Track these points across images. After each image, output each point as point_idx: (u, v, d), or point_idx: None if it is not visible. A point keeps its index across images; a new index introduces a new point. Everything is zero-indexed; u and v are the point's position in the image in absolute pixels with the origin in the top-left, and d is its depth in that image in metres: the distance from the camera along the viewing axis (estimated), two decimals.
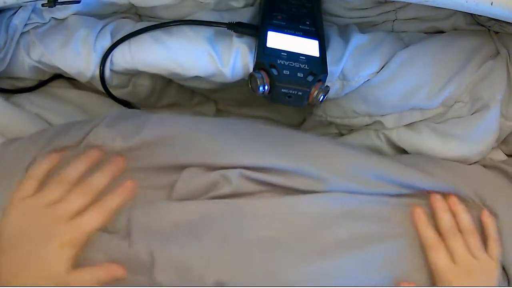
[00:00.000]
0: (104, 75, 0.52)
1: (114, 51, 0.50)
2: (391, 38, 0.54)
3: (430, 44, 0.52)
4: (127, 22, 0.53)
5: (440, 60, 0.50)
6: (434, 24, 0.55)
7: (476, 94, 0.50)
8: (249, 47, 0.49)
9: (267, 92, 0.44)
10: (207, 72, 0.51)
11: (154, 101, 0.63)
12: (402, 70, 0.50)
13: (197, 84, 0.56)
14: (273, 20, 0.50)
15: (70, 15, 0.51)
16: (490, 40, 0.52)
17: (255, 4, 0.56)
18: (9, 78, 0.55)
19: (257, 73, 0.43)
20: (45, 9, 0.49)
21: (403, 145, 0.52)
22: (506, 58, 0.50)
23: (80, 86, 0.60)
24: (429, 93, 0.50)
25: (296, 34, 0.49)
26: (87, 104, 0.59)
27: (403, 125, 0.53)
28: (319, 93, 0.44)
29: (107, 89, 0.55)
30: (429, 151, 0.50)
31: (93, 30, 0.50)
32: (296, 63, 0.45)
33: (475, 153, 0.49)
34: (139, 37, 0.50)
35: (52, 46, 0.49)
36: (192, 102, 0.69)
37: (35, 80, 0.57)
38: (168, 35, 0.51)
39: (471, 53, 0.51)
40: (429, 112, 0.51)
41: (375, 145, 0.55)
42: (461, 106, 0.50)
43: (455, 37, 0.53)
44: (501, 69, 0.49)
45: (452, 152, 0.50)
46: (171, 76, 0.54)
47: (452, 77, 0.50)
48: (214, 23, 0.51)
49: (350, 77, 0.50)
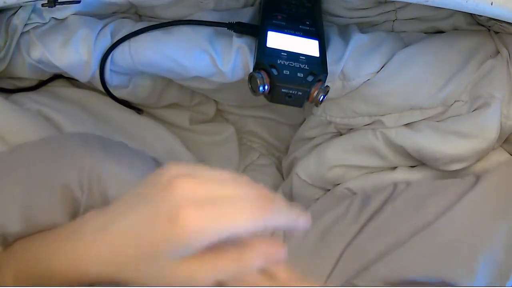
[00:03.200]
0: (104, 75, 0.52)
1: (114, 51, 0.50)
2: (391, 38, 0.54)
3: (430, 44, 0.52)
4: (127, 22, 0.53)
5: (440, 60, 0.50)
6: (434, 24, 0.55)
7: (475, 93, 0.50)
8: (249, 47, 0.49)
9: (267, 92, 0.44)
10: (207, 72, 0.51)
11: (154, 101, 0.63)
12: (402, 70, 0.50)
13: (197, 84, 0.56)
14: (273, 20, 0.50)
15: (70, 15, 0.51)
16: (490, 40, 0.52)
17: (255, 4, 0.56)
18: (9, 78, 0.55)
19: (257, 73, 0.43)
20: (45, 9, 0.49)
21: (402, 143, 0.52)
22: (506, 58, 0.50)
23: (80, 86, 0.60)
24: (429, 92, 0.50)
25: (296, 34, 0.49)
26: (88, 103, 0.59)
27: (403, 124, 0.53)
28: (319, 93, 0.44)
29: (107, 89, 0.55)
30: (428, 149, 0.50)
31: (93, 30, 0.50)
32: (296, 63, 0.45)
33: (476, 151, 0.49)
34: (139, 37, 0.50)
35: (52, 46, 0.49)
36: (192, 102, 0.69)
37: (35, 80, 0.57)
38: (168, 35, 0.51)
39: (471, 52, 0.51)
40: (428, 112, 0.51)
41: (372, 145, 0.55)
42: (460, 105, 0.50)
43: (455, 37, 0.53)
44: (501, 68, 0.49)
45: (452, 149, 0.49)
46: (171, 76, 0.54)
47: (452, 76, 0.50)
48: (214, 23, 0.51)
49: (350, 77, 0.50)
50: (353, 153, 0.56)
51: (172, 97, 0.65)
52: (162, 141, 0.64)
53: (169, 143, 0.65)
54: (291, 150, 0.68)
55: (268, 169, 0.73)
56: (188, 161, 0.65)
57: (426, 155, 0.51)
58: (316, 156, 0.59)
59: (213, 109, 0.72)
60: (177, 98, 0.66)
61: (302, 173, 0.61)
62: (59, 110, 0.54)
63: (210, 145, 0.72)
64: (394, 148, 0.54)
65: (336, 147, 0.58)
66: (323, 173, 0.59)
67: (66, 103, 0.57)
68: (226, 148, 0.72)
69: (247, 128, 0.75)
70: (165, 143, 0.64)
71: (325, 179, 0.59)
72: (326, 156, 0.58)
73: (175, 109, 0.68)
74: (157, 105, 0.65)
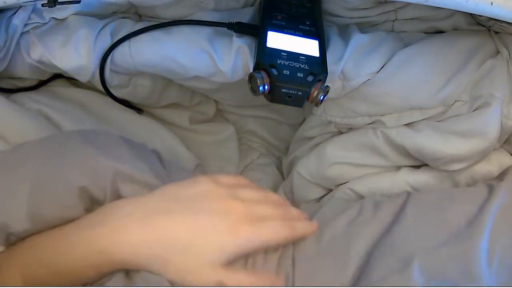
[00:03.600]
0: (104, 75, 0.52)
1: (114, 51, 0.50)
2: (391, 38, 0.54)
3: (430, 44, 0.52)
4: (127, 22, 0.53)
5: (440, 60, 0.50)
6: (434, 24, 0.55)
7: (476, 93, 0.49)
8: (249, 47, 0.49)
9: (267, 92, 0.44)
10: (207, 72, 0.51)
11: (154, 101, 0.63)
12: (402, 70, 0.50)
13: (197, 84, 0.56)
14: (273, 20, 0.50)
15: (70, 15, 0.51)
16: (490, 40, 0.52)
17: (255, 4, 0.56)
18: (9, 78, 0.55)
19: (257, 73, 0.43)
20: (45, 9, 0.49)
21: (403, 143, 0.52)
22: (506, 57, 0.50)
23: (80, 86, 0.60)
24: (429, 92, 0.50)
25: (296, 34, 0.49)
26: (88, 102, 0.60)
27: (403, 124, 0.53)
28: (319, 93, 0.44)
29: (107, 89, 0.55)
30: (429, 149, 0.50)
31: (93, 30, 0.50)
32: (296, 63, 0.45)
33: (476, 151, 0.49)
34: (139, 37, 0.50)
35: (52, 46, 0.49)
36: (192, 102, 0.69)
37: (35, 80, 0.57)
38: (168, 35, 0.51)
39: (471, 52, 0.51)
40: (429, 112, 0.51)
41: (372, 143, 0.54)
42: (461, 105, 0.50)
43: (455, 37, 0.53)
44: (502, 68, 0.49)
45: (452, 149, 0.49)
46: (171, 76, 0.54)
47: (452, 76, 0.50)
48: (214, 23, 0.51)
49: (350, 77, 0.50)
50: (353, 152, 0.56)
51: (172, 97, 0.65)
52: (162, 141, 0.64)
53: (169, 143, 0.65)
54: (291, 150, 0.68)
55: (268, 169, 0.73)
56: (188, 161, 0.65)
57: (426, 155, 0.51)
58: (317, 154, 0.59)
59: (213, 109, 0.72)
60: (177, 98, 0.66)
61: (302, 171, 0.61)
62: (59, 110, 0.54)
63: (210, 145, 0.72)
64: (395, 147, 0.54)
65: (337, 144, 0.58)
66: (323, 170, 0.58)
67: (66, 103, 0.57)
68: (226, 148, 0.72)
69: (247, 128, 0.75)
70: (165, 143, 0.64)
71: (326, 177, 0.59)
72: (327, 153, 0.58)
73: (175, 109, 0.68)
74: (157, 105, 0.65)
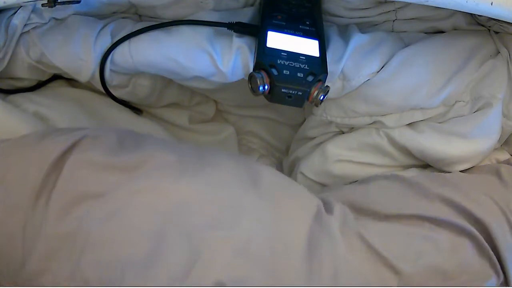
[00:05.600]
0: (104, 75, 0.52)
1: (114, 51, 0.50)
2: (391, 38, 0.54)
3: (430, 44, 0.52)
4: (127, 22, 0.53)
5: (440, 60, 0.50)
6: (434, 24, 0.55)
7: (477, 93, 0.50)
8: (249, 47, 0.49)
9: (267, 92, 0.44)
10: (207, 72, 0.51)
11: (154, 101, 0.63)
12: (402, 70, 0.50)
13: (197, 84, 0.56)
14: (273, 20, 0.50)
15: (70, 15, 0.51)
16: (490, 40, 0.52)
17: (255, 4, 0.56)
18: (8, 79, 0.54)
19: (257, 73, 0.43)
20: (45, 9, 0.49)
21: (406, 144, 0.52)
22: (506, 57, 0.50)
23: (79, 86, 0.60)
24: (429, 92, 0.50)
25: (296, 34, 0.49)
26: (87, 103, 0.59)
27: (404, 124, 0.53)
28: (319, 93, 0.44)
29: (107, 89, 0.55)
30: (431, 150, 0.50)
31: (93, 30, 0.50)
32: (296, 63, 0.45)
33: (478, 152, 0.49)
34: (139, 37, 0.50)
35: (52, 46, 0.49)
36: (192, 102, 0.69)
37: (34, 80, 0.57)
38: (168, 35, 0.51)
39: (471, 52, 0.51)
40: (430, 112, 0.51)
41: (376, 143, 0.54)
42: (462, 105, 0.50)
43: (455, 37, 0.53)
44: (502, 68, 0.49)
45: (454, 150, 0.49)
46: (171, 76, 0.54)
47: (452, 76, 0.50)
48: (214, 23, 0.51)
49: (350, 77, 0.50)
50: (357, 151, 0.56)
51: (172, 97, 0.65)
52: None
53: None
54: (292, 150, 0.68)
55: None
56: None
57: (429, 156, 0.51)
58: (320, 153, 0.58)
59: (213, 109, 0.72)
60: (177, 98, 0.66)
61: (307, 171, 0.60)
62: (57, 110, 0.54)
63: (210, 145, 0.71)
64: (399, 148, 0.54)
65: (340, 142, 0.57)
66: (328, 168, 0.58)
67: (64, 103, 0.57)
68: (225, 148, 0.72)
69: (247, 128, 0.75)
70: None
71: (331, 175, 0.58)
72: (330, 150, 0.57)
73: (174, 109, 0.68)
74: (157, 105, 0.65)
